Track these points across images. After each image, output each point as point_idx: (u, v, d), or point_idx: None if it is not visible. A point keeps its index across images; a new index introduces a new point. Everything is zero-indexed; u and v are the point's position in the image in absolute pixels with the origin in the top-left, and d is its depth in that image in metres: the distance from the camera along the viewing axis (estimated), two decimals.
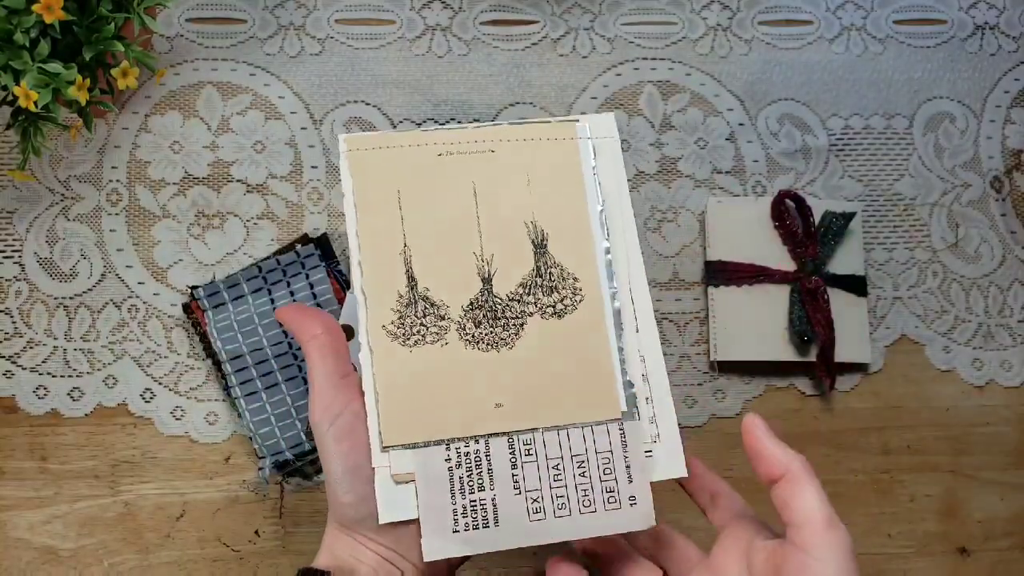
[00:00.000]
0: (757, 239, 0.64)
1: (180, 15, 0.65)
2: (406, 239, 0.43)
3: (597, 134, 0.46)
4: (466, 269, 0.43)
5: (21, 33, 0.50)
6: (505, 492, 0.41)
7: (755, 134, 0.68)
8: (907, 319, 0.66)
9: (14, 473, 0.59)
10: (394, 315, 0.42)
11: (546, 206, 0.44)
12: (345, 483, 0.40)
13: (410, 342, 0.42)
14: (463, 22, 0.68)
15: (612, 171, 0.46)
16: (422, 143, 0.44)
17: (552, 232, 0.44)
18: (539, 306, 0.43)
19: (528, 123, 0.46)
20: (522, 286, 0.43)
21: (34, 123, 0.54)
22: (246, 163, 0.64)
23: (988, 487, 0.64)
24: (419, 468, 0.40)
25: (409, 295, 0.42)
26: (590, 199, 0.45)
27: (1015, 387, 0.66)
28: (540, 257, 0.43)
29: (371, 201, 0.43)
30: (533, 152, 0.45)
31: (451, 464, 0.41)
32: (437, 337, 0.42)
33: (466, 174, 0.44)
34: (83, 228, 0.62)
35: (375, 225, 0.43)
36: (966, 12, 0.72)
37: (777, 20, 0.70)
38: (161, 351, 0.61)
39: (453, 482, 0.40)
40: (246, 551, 0.59)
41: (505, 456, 0.41)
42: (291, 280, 0.60)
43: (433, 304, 0.42)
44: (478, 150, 0.45)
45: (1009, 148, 0.70)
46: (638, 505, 0.41)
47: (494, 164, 0.44)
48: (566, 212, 0.44)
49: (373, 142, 0.44)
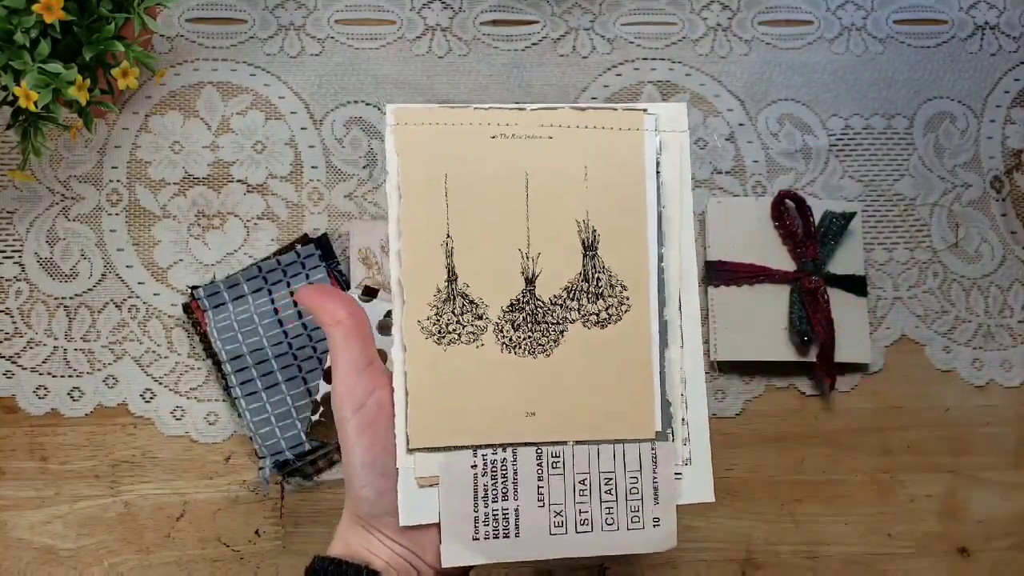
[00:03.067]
0: (757, 239, 0.64)
1: (180, 15, 0.65)
2: (449, 229, 0.40)
3: (665, 127, 0.42)
4: (510, 267, 0.40)
5: (21, 33, 0.50)
6: (529, 503, 0.40)
7: (755, 134, 0.68)
8: (907, 319, 0.66)
9: (14, 473, 0.59)
10: (430, 310, 0.40)
11: (602, 204, 0.41)
12: (364, 476, 0.39)
13: (445, 340, 0.40)
14: (463, 22, 0.67)
15: (676, 170, 0.42)
16: (475, 122, 0.41)
17: (604, 233, 0.41)
18: (582, 313, 0.41)
19: (592, 108, 0.42)
20: (566, 290, 0.41)
21: (34, 123, 0.54)
22: (246, 163, 0.64)
23: (988, 487, 0.64)
24: (444, 473, 0.39)
25: (448, 290, 0.40)
26: (649, 200, 0.42)
27: (1015, 387, 0.66)
28: (589, 260, 0.41)
29: (416, 184, 0.40)
30: (594, 142, 0.41)
31: (477, 471, 0.39)
32: (473, 337, 0.40)
33: (519, 161, 0.41)
34: (83, 228, 0.62)
35: (418, 212, 0.40)
36: (966, 12, 0.72)
37: (777, 20, 0.70)
38: (161, 351, 0.61)
39: (477, 489, 0.39)
40: (246, 551, 0.59)
41: (532, 467, 0.40)
42: (291, 280, 0.60)
43: (472, 302, 0.40)
44: (535, 135, 0.41)
45: (1009, 148, 0.70)
46: (661, 527, 0.40)
47: (551, 152, 0.41)
48: (622, 212, 0.41)
49: (422, 117, 0.40)
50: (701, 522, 0.47)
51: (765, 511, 0.62)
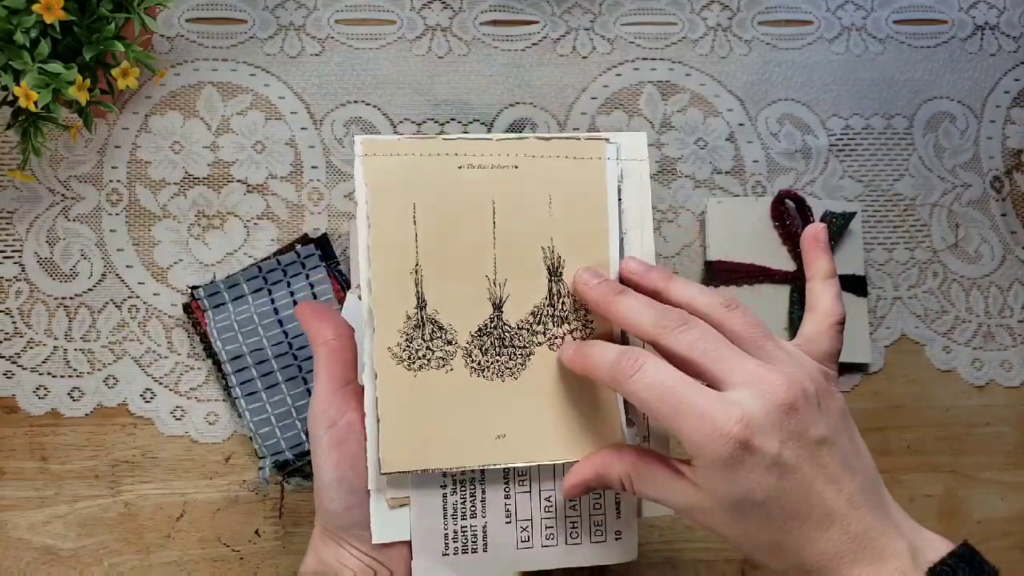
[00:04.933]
0: (757, 239, 0.64)
1: (180, 15, 0.65)
2: (419, 258, 0.41)
3: (626, 155, 0.44)
4: (477, 293, 0.42)
5: (21, 33, 0.50)
6: (497, 520, 0.42)
7: (755, 134, 0.68)
8: (907, 319, 0.66)
9: (14, 473, 0.59)
10: (400, 337, 0.41)
11: (566, 231, 0.42)
12: (332, 491, 0.41)
13: (415, 366, 0.41)
14: (463, 22, 0.68)
15: (637, 197, 0.44)
16: (442, 152, 0.42)
17: (569, 259, 0.42)
18: (548, 336, 0.42)
19: (556, 139, 0.43)
20: (532, 314, 0.42)
21: (34, 123, 0.54)
22: (246, 163, 0.64)
23: (988, 487, 0.64)
24: (415, 494, 0.41)
25: (417, 317, 0.41)
26: (611, 227, 0.43)
27: (1015, 387, 0.66)
28: (555, 284, 0.42)
29: (385, 214, 0.41)
30: (559, 171, 0.43)
31: (447, 491, 0.41)
32: (442, 362, 0.41)
33: (486, 191, 0.42)
34: (83, 228, 0.62)
35: (388, 241, 0.41)
36: (966, 12, 0.72)
37: (777, 20, 0.70)
38: (161, 351, 0.61)
39: (447, 508, 0.41)
40: (246, 551, 0.59)
41: (500, 486, 0.42)
42: (291, 280, 0.60)
43: (441, 328, 0.41)
44: (500, 164, 0.42)
45: (1009, 148, 0.70)
46: (623, 540, 0.43)
47: (516, 181, 0.42)
48: (585, 239, 0.43)
49: (391, 148, 0.42)
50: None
51: None
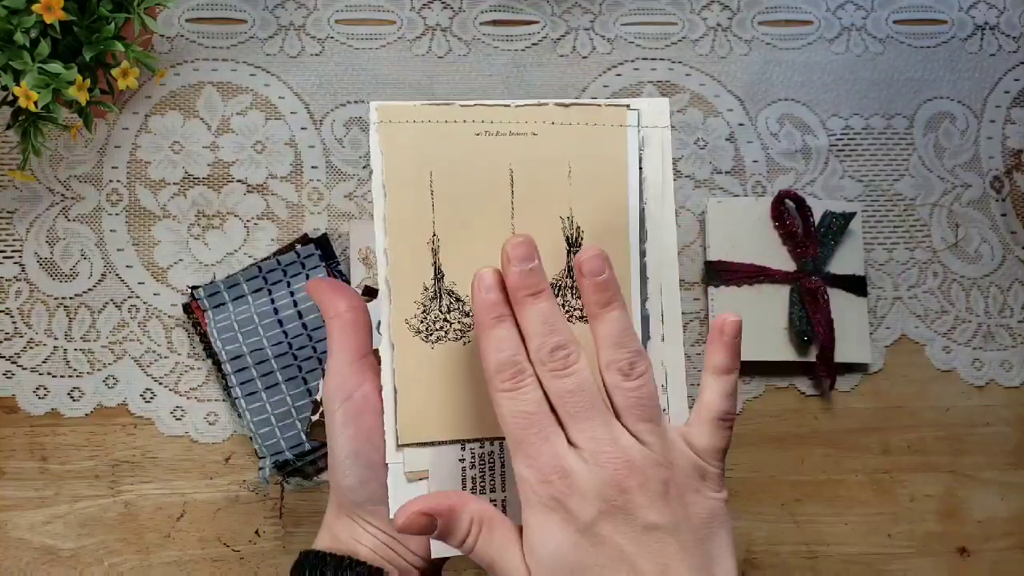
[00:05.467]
0: (757, 239, 0.64)
1: (180, 15, 0.65)
2: (435, 227, 0.40)
3: (647, 122, 0.43)
4: (495, 264, 0.40)
5: (21, 33, 0.50)
6: (515, 494, 0.39)
7: (755, 134, 0.68)
8: (907, 319, 0.66)
9: (14, 473, 0.59)
10: (417, 308, 0.40)
11: (585, 201, 0.42)
12: (347, 465, 0.40)
13: (432, 338, 0.40)
14: (463, 22, 0.67)
15: (659, 165, 0.43)
16: (460, 119, 0.41)
17: (588, 229, 0.42)
18: (567, 308, 0.41)
19: (576, 105, 0.42)
20: (551, 286, 0.40)
21: (34, 123, 0.54)
22: (246, 163, 0.64)
23: (988, 487, 0.64)
24: (433, 467, 0.40)
25: (435, 287, 0.40)
26: (631, 196, 0.42)
27: (1015, 387, 0.66)
28: (573, 257, 0.41)
29: (401, 183, 0.40)
30: (578, 139, 0.42)
31: (465, 464, 0.40)
32: (460, 335, 0.40)
33: (504, 159, 0.41)
34: (83, 228, 0.62)
35: (404, 210, 0.40)
36: (966, 12, 0.72)
37: (777, 20, 0.70)
38: (161, 351, 0.61)
39: (465, 482, 0.40)
40: (246, 551, 0.59)
41: None
42: (291, 280, 0.60)
43: (458, 299, 0.40)
44: (519, 131, 0.41)
45: (1009, 148, 0.70)
46: None
47: (535, 149, 0.41)
48: (605, 209, 0.42)
49: (407, 114, 0.41)
50: None
51: (765, 511, 0.62)
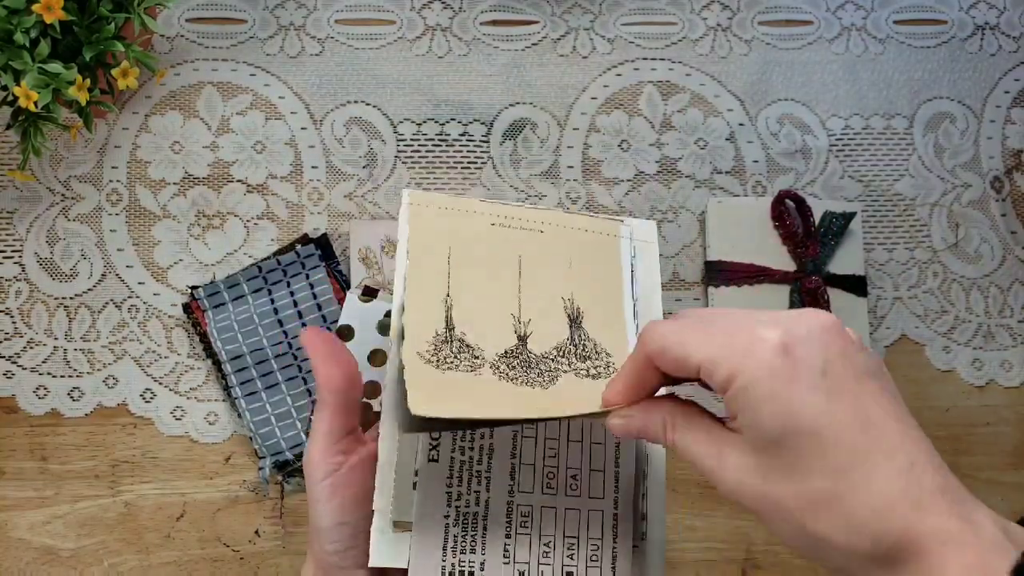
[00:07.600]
0: (757, 239, 0.64)
1: (180, 15, 0.65)
2: (450, 291, 0.44)
3: (638, 237, 0.49)
4: (503, 326, 0.44)
5: (21, 33, 0.50)
6: (495, 559, 0.42)
7: (755, 134, 0.68)
8: (907, 319, 0.66)
9: (14, 473, 0.58)
10: (429, 346, 0.42)
11: (584, 289, 0.46)
12: (333, 534, 0.41)
13: (443, 366, 0.42)
14: (463, 22, 0.68)
15: (648, 274, 0.48)
16: (478, 211, 0.47)
17: (587, 312, 0.46)
18: (572, 367, 0.44)
19: (577, 215, 0.49)
20: (556, 349, 0.44)
21: (34, 123, 0.54)
22: (246, 163, 0.64)
23: (988, 487, 0.64)
24: (417, 520, 0.41)
25: (446, 334, 0.43)
26: (625, 293, 0.47)
27: (1015, 387, 0.66)
28: (575, 331, 0.45)
29: (423, 251, 0.45)
30: (579, 240, 0.48)
31: (449, 521, 0.42)
32: (471, 368, 0.42)
33: (514, 247, 0.46)
34: (83, 228, 0.62)
35: (423, 273, 0.44)
36: (966, 12, 0.72)
37: (777, 20, 0.70)
38: (161, 351, 0.61)
39: (447, 539, 0.42)
40: (246, 551, 0.59)
41: (502, 523, 0.43)
42: (291, 280, 0.60)
43: (468, 346, 0.43)
44: (528, 227, 0.47)
45: (1009, 148, 0.70)
46: None
47: (541, 243, 0.47)
48: (603, 298, 0.46)
49: (434, 201, 0.46)
50: (701, 522, 0.47)
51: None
